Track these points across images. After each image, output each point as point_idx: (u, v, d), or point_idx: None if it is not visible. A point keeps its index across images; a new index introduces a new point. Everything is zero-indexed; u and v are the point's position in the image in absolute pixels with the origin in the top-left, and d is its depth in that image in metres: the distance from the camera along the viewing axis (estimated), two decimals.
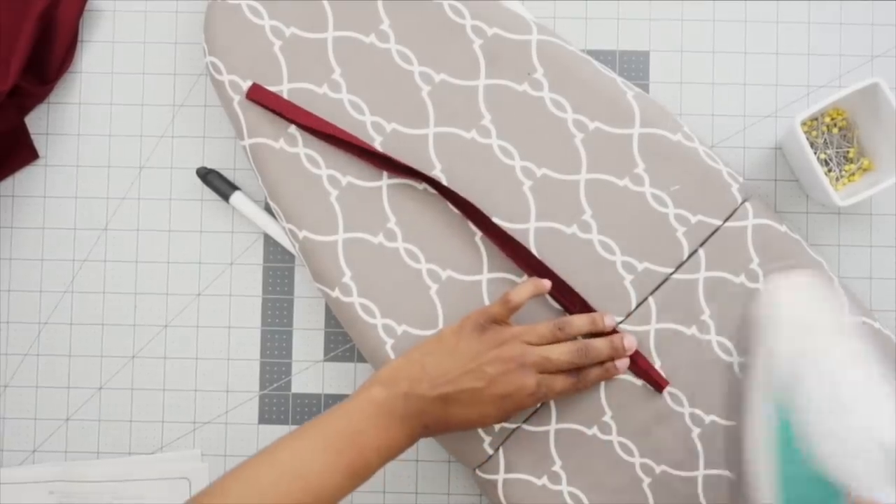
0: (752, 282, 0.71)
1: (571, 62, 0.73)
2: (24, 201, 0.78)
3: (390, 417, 0.64)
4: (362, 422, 0.63)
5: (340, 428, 0.63)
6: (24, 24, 0.74)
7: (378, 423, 0.63)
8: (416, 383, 0.64)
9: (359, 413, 0.63)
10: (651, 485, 0.71)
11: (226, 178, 0.77)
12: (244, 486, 0.59)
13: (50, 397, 0.77)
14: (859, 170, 0.74)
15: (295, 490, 0.60)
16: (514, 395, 0.65)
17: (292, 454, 0.61)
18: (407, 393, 0.64)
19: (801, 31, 0.77)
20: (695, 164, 0.72)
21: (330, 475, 0.61)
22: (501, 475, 0.71)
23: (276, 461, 0.61)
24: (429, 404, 0.64)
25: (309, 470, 0.61)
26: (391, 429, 0.64)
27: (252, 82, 0.73)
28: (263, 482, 0.60)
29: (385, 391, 0.64)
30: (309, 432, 0.62)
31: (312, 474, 0.61)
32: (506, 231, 0.71)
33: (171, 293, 0.78)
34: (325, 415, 0.63)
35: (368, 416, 0.63)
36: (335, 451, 0.62)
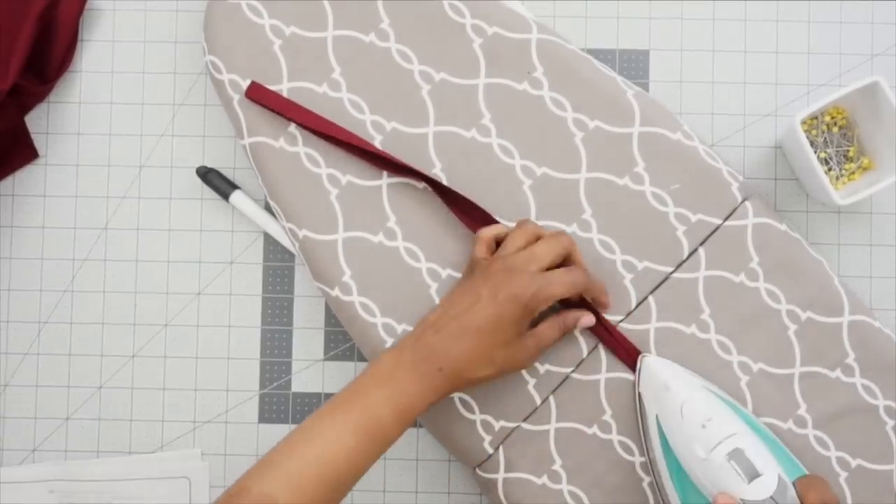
0: (751, 281, 0.71)
1: (571, 61, 0.73)
2: (24, 200, 0.78)
3: (396, 372, 0.64)
4: (368, 383, 0.64)
5: (349, 393, 0.63)
6: (23, 23, 0.74)
7: (383, 381, 0.63)
8: (421, 334, 0.65)
9: (365, 378, 0.64)
10: (651, 484, 0.71)
11: (226, 178, 0.77)
12: (271, 469, 0.60)
13: (50, 396, 0.77)
14: (859, 168, 0.74)
15: (311, 461, 0.60)
16: (515, 294, 0.64)
17: (307, 427, 0.62)
18: (413, 345, 0.65)
19: (801, 29, 0.77)
20: (695, 163, 0.72)
21: (339, 439, 0.61)
22: (501, 474, 0.71)
23: (292, 437, 0.62)
24: (437, 343, 0.64)
25: (319, 438, 0.61)
26: (400, 383, 0.63)
27: (251, 81, 0.73)
28: (284, 459, 0.60)
29: (390, 351, 0.65)
30: (325, 406, 0.63)
31: (322, 440, 0.61)
32: None
33: (171, 292, 0.78)
34: (342, 389, 0.64)
35: (374, 377, 0.64)
36: (342, 415, 0.62)
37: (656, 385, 0.67)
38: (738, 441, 0.61)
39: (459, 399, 0.71)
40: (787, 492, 0.59)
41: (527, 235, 0.68)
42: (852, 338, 0.70)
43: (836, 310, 0.71)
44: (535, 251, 0.67)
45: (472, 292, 0.65)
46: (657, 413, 0.67)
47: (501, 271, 0.66)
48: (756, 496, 0.59)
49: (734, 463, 0.60)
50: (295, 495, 0.59)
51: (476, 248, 0.69)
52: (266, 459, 0.61)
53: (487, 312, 0.64)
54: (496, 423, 0.71)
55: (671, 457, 0.66)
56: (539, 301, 0.65)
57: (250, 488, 0.59)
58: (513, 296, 0.64)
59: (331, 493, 0.61)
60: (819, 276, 0.71)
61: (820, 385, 0.70)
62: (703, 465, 0.62)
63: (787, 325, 0.71)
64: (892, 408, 0.70)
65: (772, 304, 0.71)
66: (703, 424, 0.63)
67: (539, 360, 0.71)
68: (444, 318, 0.65)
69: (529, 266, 0.66)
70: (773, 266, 0.71)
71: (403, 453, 0.76)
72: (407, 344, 0.65)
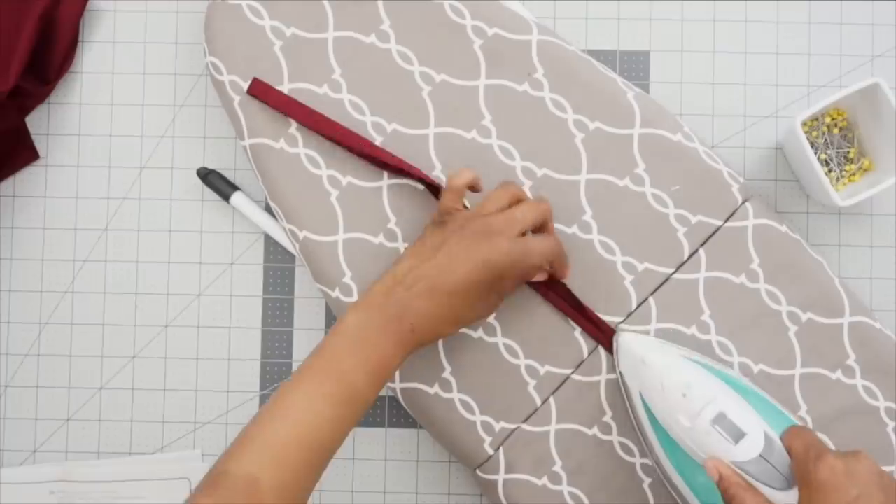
0: (752, 282, 0.71)
1: (572, 62, 0.73)
2: (24, 201, 0.78)
3: (366, 333, 0.62)
4: (337, 348, 0.62)
5: (318, 360, 0.61)
6: (24, 24, 0.74)
7: (353, 344, 0.62)
8: (391, 291, 0.63)
9: (333, 341, 0.62)
10: (652, 485, 0.71)
11: (226, 179, 0.77)
12: (250, 447, 0.59)
13: (50, 397, 0.77)
14: (860, 170, 0.74)
15: (288, 431, 0.59)
16: (493, 260, 0.63)
17: (280, 399, 0.60)
18: (382, 304, 0.62)
19: (802, 31, 0.77)
20: (695, 164, 0.72)
21: (312, 407, 0.60)
22: (502, 475, 0.71)
23: (266, 412, 0.60)
24: (409, 302, 0.62)
25: (294, 407, 0.60)
26: (371, 345, 0.62)
27: (253, 77, 0.73)
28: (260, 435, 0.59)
29: (356, 310, 0.63)
30: (294, 376, 0.61)
31: (297, 410, 0.60)
32: None
33: (171, 293, 0.78)
34: (308, 355, 0.62)
35: (342, 340, 0.62)
36: (314, 383, 0.60)
37: (634, 361, 0.67)
38: (719, 405, 0.62)
39: (460, 400, 0.71)
40: (774, 447, 0.60)
41: (508, 196, 0.66)
42: (853, 339, 0.70)
43: (836, 311, 0.71)
44: (516, 215, 0.65)
45: (445, 249, 0.63)
46: (640, 389, 0.67)
47: (480, 231, 0.63)
48: (745, 456, 0.59)
49: (718, 427, 0.61)
50: (278, 471, 0.58)
51: (446, 196, 0.66)
52: (243, 438, 0.59)
53: (461, 274, 0.62)
54: (496, 424, 0.71)
55: (660, 430, 0.66)
56: (517, 268, 0.64)
57: (231, 470, 0.57)
58: (489, 261, 0.63)
59: (313, 463, 0.59)
60: (819, 278, 0.71)
61: (820, 386, 0.70)
62: (690, 434, 0.62)
63: (787, 326, 0.71)
64: (893, 409, 0.70)
65: (772, 306, 0.71)
66: (684, 393, 0.63)
67: (539, 360, 0.71)
68: (414, 272, 0.63)
69: (510, 230, 0.64)
70: (773, 267, 0.71)
71: (403, 454, 0.76)
72: (374, 301, 0.63)
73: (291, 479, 0.58)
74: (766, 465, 0.59)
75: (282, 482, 0.58)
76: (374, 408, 0.76)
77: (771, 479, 0.59)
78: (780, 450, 0.60)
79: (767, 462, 0.59)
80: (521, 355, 0.71)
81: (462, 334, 0.72)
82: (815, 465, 0.56)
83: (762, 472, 0.59)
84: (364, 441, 0.76)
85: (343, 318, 0.63)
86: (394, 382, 0.72)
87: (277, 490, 0.57)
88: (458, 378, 0.71)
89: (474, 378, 0.71)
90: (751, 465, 0.59)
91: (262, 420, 0.60)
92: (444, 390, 0.71)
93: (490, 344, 0.72)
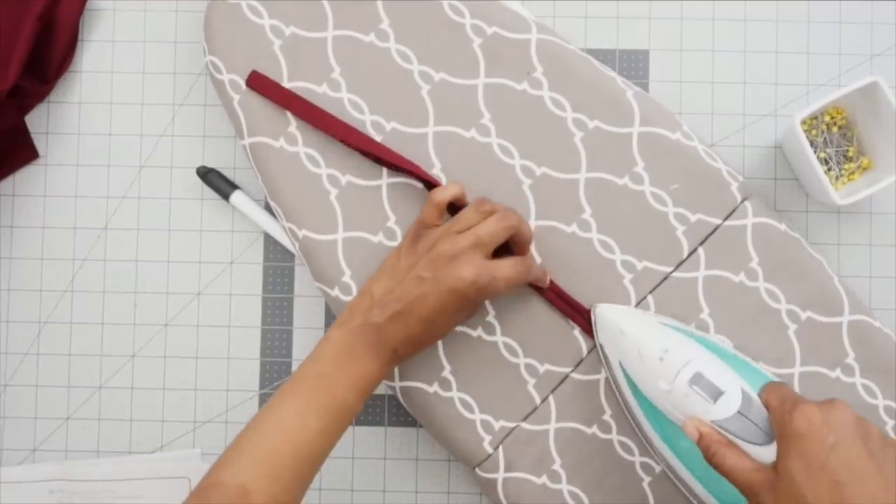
0: (751, 280, 0.71)
1: (571, 61, 0.73)
2: (24, 200, 0.78)
3: (352, 352, 0.64)
4: (326, 364, 0.64)
5: (307, 375, 0.63)
6: (23, 23, 0.74)
7: (341, 361, 0.64)
8: (368, 313, 0.65)
9: (321, 358, 0.64)
10: (651, 483, 0.71)
11: (226, 178, 0.77)
12: (240, 458, 0.60)
13: (50, 396, 0.77)
14: (859, 168, 0.74)
15: (280, 444, 0.60)
16: (459, 289, 0.63)
17: (269, 412, 0.62)
18: (361, 325, 0.64)
19: (801, 29, 0.77)
20: (694, 163, 0.72)
21: (304, 421, 0.61)
22: (501, 474, 0.71)
23: (256, 424, 0.62)
24: (385, 327, 0.64)
25: (285, 421, 0.61)
26: (358, 362, 0.64)
27: (252, 70, 0.73)
28: (250, 446, 0.60)
29: (340, 330, 0.65)
30: (282, 389, 0.63)
31: (288, 423, 0.61)
32: None
33: (171, 292, 0.78)
34: (295, 371, 0.64)
35: (330, 357, 0.64)
36: (304, 398, 0.62)
37: (612, 332, 0.68)
38: (695, 366, 0.62)
39: (459, 399, 0.71)
40: (752, 403, 0.60)
41: (481, 215, 0.67)
42: (852, 337, 0.70)
43: (835, 309, 0.71)
44: (480, 234, 0.65)
45: (415, 274, 0.65)
46: (619, 359, 0.67)
47: (447, 258, 0.64)
48: (723, 414, 0.59)
49: (696, 387, 0.61)
50: (268, 482, 0.59)
51: (426, 211, 0.67)
52: (234, 448, 0.61)
53: (430, 303, 0.64)
54: (496, 422, 0.71)
55: (642, 399, 0.66)
56: (483, 295, 0.65)
57: (222, 480, 0.59)
58: (456, 289, 0.64)
59: (303, 474, 0.61)
60: (819, 276, 0.71)
61: (820, 385, 0.70)
62: (670, 398, 0.62)
63: (786, 324, 0.71)
64: (892, 408, 0.70)
65: (771, 304, 0.71)
66: (661, 357, 0.63)
67: (538, 359, 0.71)
68: (389, 296, 0.65)
69: (475, 256, 0.64)
70: (772, 266, 0.71)
71: (403, 453, 0.76)
72: (355, 322, 0.65)
73: (281, 490, 0.60)
74: (744, 421, 0.59)
75: (272, 493, 0.59)
76: (373, 406, 0.77)
77: (750, 434, 0.59)
78: (758, 405, 0.60)
79: (746, 418, 0.59)
80: (521, 354, 0.71)
81: (461, 333, 0.72)
82: (790, 416, 0.56)
83: (741, 429, 0.59)
84: (363, 440, 0.76)
85: (328, 335, 0.65)
86: (393, 381, 0.72)
87: (267, 499, 0.59)
88: (458, 377, 0.72)
89: (474, 377, 0.71)
90: (730, 422, 0.59)
91: (252, 431, 0.61)
92: (443, 389, 0.71)
93: (489, 343, 0.72)
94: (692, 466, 0.66)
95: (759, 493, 0.56)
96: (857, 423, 0.55)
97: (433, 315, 0.64)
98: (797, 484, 0.54)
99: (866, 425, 0.56)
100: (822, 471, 0.53)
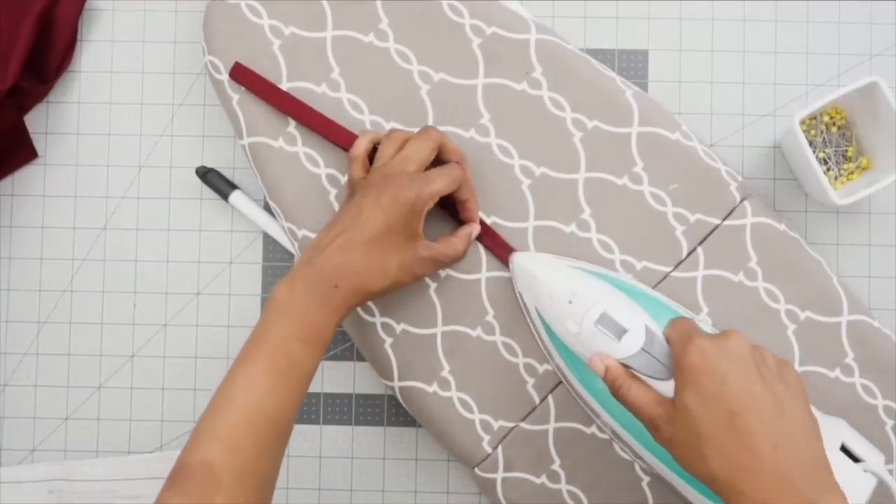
0: (750, 280, 0.71)
1: (570, 61, 0.73)
2: (23, 200, 0.78)
3: (295, 305, 0.63)
4: (271, 323, 0.63)
5: (255, 340, 0.63)
6: (23, 23, 0.74)
7: (285, 317, 0.63)
8: (309, 263, 0.64)
9: (266, 319, 0.63)
10: (650, 483, 0.71)
11: (225, 177, 0.77)
12: (202, 436, 0.60)
13: (49, 396, 0.77)
14: (858, 168, 0.74)
15: (236, 415, 0.60)
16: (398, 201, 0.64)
17: (224, 385, 0.61)
18: (304, 276, 0.64)
19: (800, 29, 0.77)
20: (693, 163, 0.72)
21: (256, 387, 0.61)
22: (500, 474, 0.71)
23: (213, 399, 0.61)
24: (327, 267, 0.63)
25: (238, 390, 0.61)
26: (303, 315, 0.63)
27: (235, 62, 0.73)
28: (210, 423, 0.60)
29: (282, 287, 0.64)
30: (235, 359, 0.63)
31: (241, 392, 0.60)
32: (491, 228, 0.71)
33: (170, 292, 0.78)
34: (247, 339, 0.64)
35: (275, 316, 0.63)
36: (254, 363, 0.61)
37: (527, 278, 0.69)
38: (601, 306, 0.62)
39: (458, 399, 0.71)
40: (655, 339, 0.60)
41: (395, 142, 0.68)
42: (851, 337, 0.70)
43: (834, 309, 0.71)
44: (406, 153, 0.67)
45: (355, 206, 0.65)
46: (535, 305, 0.68)
47: (380, 180, 0.66)
48: (628, 352, 0.60)
49: (601, 327, 0.62)
50: (231, 455, 0.59)
51: (351, 168, 0.69)
52: (196, 430, 0.60)
53: (374, 220, 0.64)
54: (495, 422, 0.71)
55: (558, 343, 0.67)
56: (424, 199, 0.65)
57: (188, 462, 0.59)
58: (396, 198, 0.64)
59: (265, 441, 0.60)
60: (818, 276, 0.71)
61: (819, 384, 0.70)
62: (579, 338, 0.63)
63: (785, 324, 0.71)
64: (892, 407, 0.70)
65: (770, 304, 0.71)
66: (570, 300, 0.64)
67: (537, 359, 0.71)
68: (329, 236, 0.65)
69: (406, 168, 0.66)
70: (771, 265, 0.71)
71: (402, 452, 0.76)
72: (298, 272, 0.64)
73: (245, 461, 0.59)
74: (647, 357, 0.60)
75: (236, 465, 0.59)
76: (373, 406, 0.76)
77: (654, 370, 0.59)
78: (661, 341, 0.60)
79: (649, 354, 0.60)
80: (520, 354, 0.72)
81: (461, 333, 0.72)
82: (685, 349, 0.56)
83: (645, 365, 0.60)
84: (363, 439, 0.77)
85: (270, 295, 0.64)
86: (392, 381, 0.72)
87: (232, 471, 0.58)
88: (457, 376, 0.72)
89: (473, 376, 0.72)
90: (634, 359, 0.60)
91: (210, 409, 0.61)
92: (442, 389, 0.71)
93: (488, 342, 0.72)
94: (607, 405, 0.67)
95: (660, 425, 0.56)
96: (751, 352, 0.56)
97: (376, 235, 0.64)
98: (693, 415, 0.54)
99: (761, 352, 0.56)
100: (715, 401, 0.54)
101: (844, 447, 0.60)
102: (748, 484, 0.52)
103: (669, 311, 0.68)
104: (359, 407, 0.77)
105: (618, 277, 0.69)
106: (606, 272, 0.70)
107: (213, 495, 0.57)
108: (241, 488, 0.58)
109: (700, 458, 0.54)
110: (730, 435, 0.53)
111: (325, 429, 0.77)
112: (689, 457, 0.55)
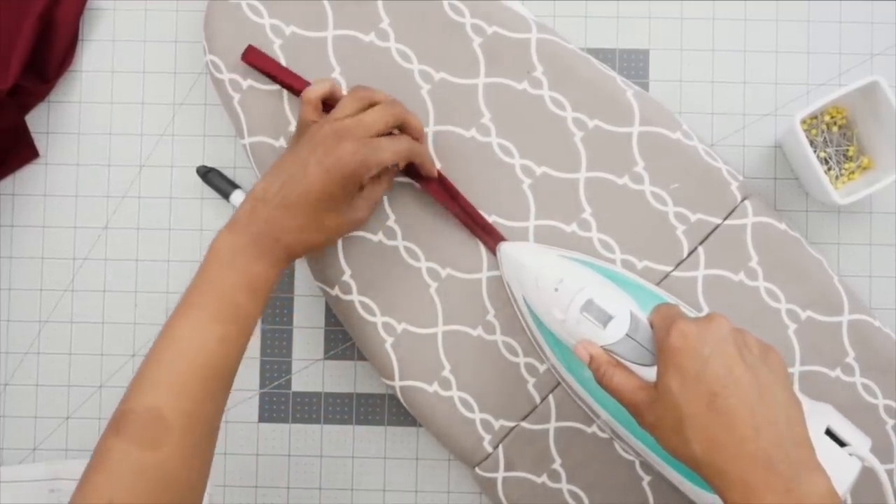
0: (751, 280, 0.71)
1: (571, 61, 0.73)
2: (24, 200, 0.78)
3: (240, 254, 0.63)
4: (214, 271, 0.63)
5: (197, 287, 0.63)
6: (24, 22, 0.74)
7: (229, 265, 0.63)
8: (252, 213, 0.64)
9: (209, 266, 0.63)
10: (651, 483, 0.71)
11: (226, 177, 0.77)
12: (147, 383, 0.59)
13: (50, 396, 0.78)
14: (859, 168, 0.74)
15: (182, 361, 0.60)
16: (342, 163, 0.64)
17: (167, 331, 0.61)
18: (247, 225, 0.64)
19: (801, 29, 0.77)
20: (694, 163, 0.72)
21: (201, 333, 0.61)
22: (501, 473, 0.71)
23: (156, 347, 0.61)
24: (272, 220, 0.63)
25: (183, 336, 0.60)
26: (247, 264, 0.63)
27: (248, 45, 0.73)
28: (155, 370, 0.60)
29: (225, 235, 0.64)
30: (177, 306, 0.62)
31: (186, 338, 0.60)
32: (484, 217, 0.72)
33: (171, 292, 0.78)
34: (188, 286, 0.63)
35: (217, 264, 0.63)
36: (198, 310, 0.61)
37: (514, 267, 0.69)
38: (587, 293, 0.63)
39: (459, 398, 0.71)
40: (640, 325, 0.61)
41: (359, 101, 0.67)
42: (852, 337, 0.70)
43: (835, 309, 0.71)
44: (365, 118, 0.66)
45: (299, 160, 0.65)
46: (523, 294, 0.68)
47: (330, 136, 0.65)
48: (613, 338, 0.60)
49: (586, 314, 0.62)
50: (180, 399, 0.59)
51: (303, 110, 0.68)
52: (139, 375, 0.60)
53: (315, 181, 0.64)
54: (495, 422, 0.71)
55: (545, 331, 0.67)
56: (367, 167, 0.65)
57: (133, 408, 0.58)
58: (340, 163, 0.64)
59: (211, 386, 0.60)
60: (819, 276, 0.71)
61: (819, 384, 0.70)
62: (565, 326, 0.63)
63: (786, 324, 0.71)
64: (892, 407, 0.70)
65: (771, 303, 0.71)
66: (556, 288, 0.64)
67: (538, 358, 0.71)
68: (272, 187, 0.64)
69: (358, 131, 0.65)
70: (772, 265, 0.71)
71: (403, 452, 0.76)
72: (240, 222, 0.64)
73: (193, 405, 0.59)
74: (632, 343, 0.60)
75: (184, 410, 0.59)
76: (373, 406, 0.77)
77: (638, 356, 0.60)
78: (645, 327, 0.61)
79: (634, 340, 0.60)
80: (521, 353, 0.72)
81: (461, 333, 0.72)
82: (667, 333, 0.56)
83: (629, 351, 0.60)
84: (363, 439, 0.77)
85: (213, 243, 0.64)
86: (393, 381, 0.72)
87: (181, 416, 0.58)
88: (458, 376, 0.72)
89: (473, 376, 0.72)
90: (619, 345, 0.60)
91: (153, 355, 0.60)
92: (443, 388, 0.72)
93: (489, 342, 0.72)
94: (593, 392, 0.67)
95: (643, 410, 0.57)
96: (734, 335, 0.56)
97: (315, 197, 0.64)
98: (674, 397, 0.54)
99: (743, 335, 0.56)
100: (697, 383, 0.54)
101: (830, 431, 0.60)
102: (729, 464, 0.52)
103: (656, 298, 0.68)
104: (359, 406, 0.77)
105: (605, 265, 0.70)
106: (594, 260, 0.70)
107: (161, 440, 0.57)
108: (189, 434, 0.58)
109: (682, 440, 0.54)
110: (711, 416, 0.53)
111: (325, 428, 0.77)
112: (671, 439, 0.55)
